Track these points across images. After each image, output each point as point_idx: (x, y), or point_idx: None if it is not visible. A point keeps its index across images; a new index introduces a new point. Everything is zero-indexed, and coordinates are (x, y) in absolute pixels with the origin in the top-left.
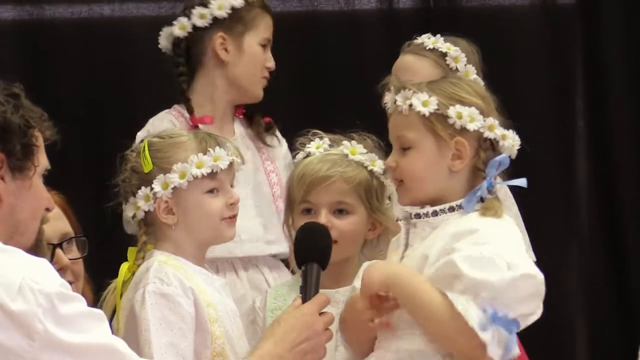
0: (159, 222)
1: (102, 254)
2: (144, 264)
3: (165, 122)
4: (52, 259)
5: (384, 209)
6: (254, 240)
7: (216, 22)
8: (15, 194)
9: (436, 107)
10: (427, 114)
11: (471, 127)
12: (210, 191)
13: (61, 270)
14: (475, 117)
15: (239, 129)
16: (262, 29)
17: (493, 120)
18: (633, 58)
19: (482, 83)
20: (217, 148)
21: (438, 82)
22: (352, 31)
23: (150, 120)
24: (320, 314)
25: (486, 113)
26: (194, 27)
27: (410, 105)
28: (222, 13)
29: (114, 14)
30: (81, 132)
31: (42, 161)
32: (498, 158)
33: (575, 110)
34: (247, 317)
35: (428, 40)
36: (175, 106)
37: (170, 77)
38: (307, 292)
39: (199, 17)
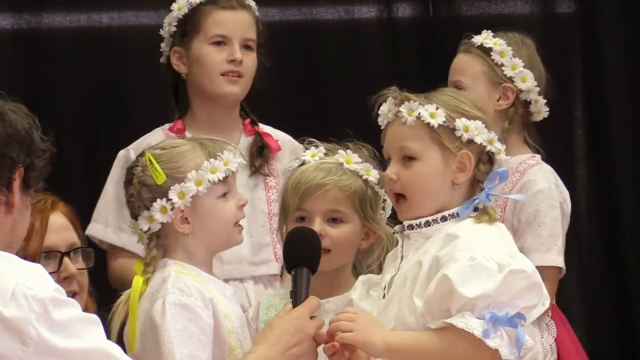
0: (172, 233)
1: (101, 264)
2: (159, 274)
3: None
4: (59, 267)
5: (378, 218)
6: (236, 262)
7: (172, 38)
8: (20, 211)
9: (444, 119)
10: (436, 125)
11: (478, 140)
12: (222, 195)
13: (68, 279)
14: (481, 130)
15: (245, 140)
16: (209, 28)
17: (493, 134)
18: (632, 67)
19: (530, 75)
20: (225, 152)
21: (437, 95)
22: (351, 40)
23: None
24: (311, 317)
25: (489, 127)
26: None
27: (418, 116)
28: (172, 28)
29: (113, 23)
30: (79, 140)
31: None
32: (499, 171)
33: (575, 119)
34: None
35: (479, 37)
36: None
37: (169, 85)
38: (297, 296)
39: (164, 38)
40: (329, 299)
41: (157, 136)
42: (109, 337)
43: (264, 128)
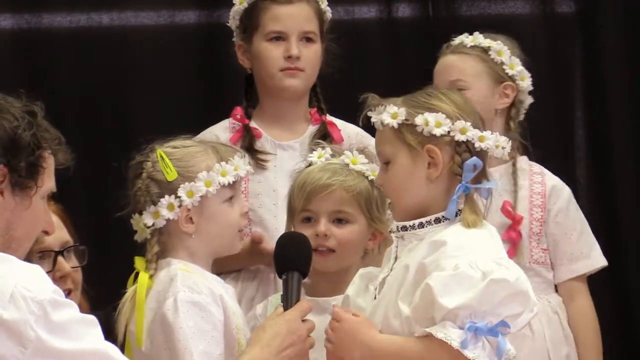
0: (175, 231)
1: (96, 262)
2: (165, 272)
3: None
4: (53, 266)
5: (384, 219)
6: None
7: (237, 32)
8: (13, 211)
9: (404, 117)
10: (395, 125)
11: (438, 132)
12: (228, 200)
13: (62, 278)
14: (441, 121)
15: (311, 129)
16: (266, 24)
17: (464, 123)
18: (632, 67)
19: (528, 75)
20: (236, 157)
21: (414, 94)
22: (351, 40)
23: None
24: (303, 321)
25: (454, 117)
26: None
27: (382, 119)
28: (236, 22)
29: (113, 23)
30: (79, 140)
31: (48, 184)
32: (471, 160)
33: (575, 119)
34: (247, 323)
35: (467, 39)
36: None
37: (169, 86)
38: (288, 300)
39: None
40: (336, 296)
41: (223, 126)
42: (106, 336)
43: (332, 119)
